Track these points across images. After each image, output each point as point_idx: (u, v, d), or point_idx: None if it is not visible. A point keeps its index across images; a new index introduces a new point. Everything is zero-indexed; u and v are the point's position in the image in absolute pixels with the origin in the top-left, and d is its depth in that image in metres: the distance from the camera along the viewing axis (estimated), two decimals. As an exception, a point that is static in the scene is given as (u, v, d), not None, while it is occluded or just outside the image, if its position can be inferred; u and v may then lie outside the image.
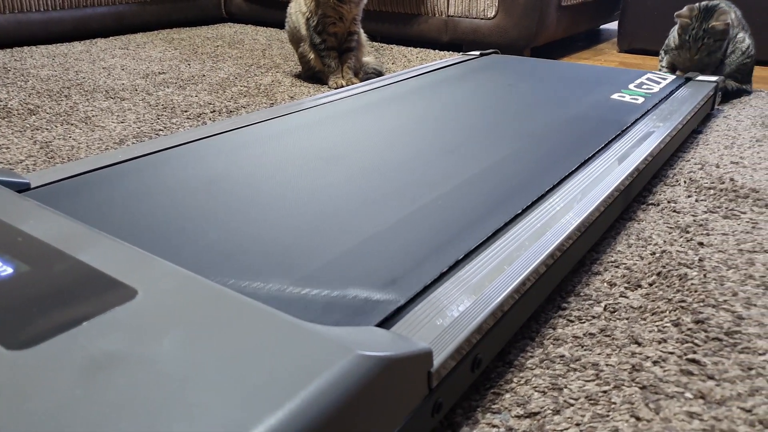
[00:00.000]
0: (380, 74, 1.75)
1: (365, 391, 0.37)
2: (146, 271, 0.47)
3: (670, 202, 0.93)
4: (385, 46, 2.27)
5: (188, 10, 2.68)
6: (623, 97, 1.25)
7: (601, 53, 2.30)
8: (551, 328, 0.63)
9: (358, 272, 0.58)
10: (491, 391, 0.54)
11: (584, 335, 0.62)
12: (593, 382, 0.55)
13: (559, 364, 0.57)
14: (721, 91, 1.46)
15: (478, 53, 1.69)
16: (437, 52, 2.13)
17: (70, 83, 1.64)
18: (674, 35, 1.56)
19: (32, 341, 0.39)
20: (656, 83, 1.37)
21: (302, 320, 0.42)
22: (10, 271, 0.47)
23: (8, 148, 1.15)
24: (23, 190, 0.74)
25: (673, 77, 1.42)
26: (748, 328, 0.63)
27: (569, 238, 0.67)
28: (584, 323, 0.64)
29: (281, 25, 2.04)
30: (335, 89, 1.42)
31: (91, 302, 0.43)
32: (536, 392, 0.54)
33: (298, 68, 1.85)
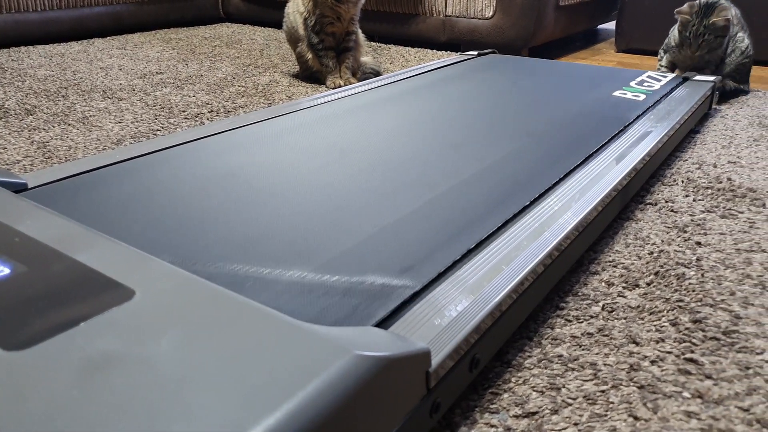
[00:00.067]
0: (378, 74, 1.75)
1: (363, 391, 0.37)
2: (144, 271, 0.47)
3: (667, 201, 0.93)
4: (383, 46, 2.27)
5: (186, 10, 2.68)
6: (625, 94, 1.25)
7: (598, 53, 2.30)
8: (549, 327, 0.63)
9: (355, 272, 0.58)
10: (489, 390, 0.54)
11: (582, 335, 0.62)
12: (591, 381, 0.55)
13: (557, 363, 0.58)
14: (718, 90, 1.46)
15: (475, 53, 1.69)
16: (435, 52, 2.13)
17: (67, 83, 1.64)
18: (674, 33, 1.56)
19: (30, 342, 0.39)
20: (657, 81, 1.37)
21: (300, 321, 0.42)
22: (7, 271, 0.47)
23: (5, 148, 1.15)
24: (20, 190, 0.74)
25: (672, 75, 1.43)
26: (745, 327, 0.63)
27: (567, 237, 0.67)
28: (582, 323, 0.64)
29: (279, 25, 2.03)
30: (333, 89, 1.42)
31: (88, 303, 0.43)
32: (534, 392, 0.54)
33: (295, 68, 1.85)
